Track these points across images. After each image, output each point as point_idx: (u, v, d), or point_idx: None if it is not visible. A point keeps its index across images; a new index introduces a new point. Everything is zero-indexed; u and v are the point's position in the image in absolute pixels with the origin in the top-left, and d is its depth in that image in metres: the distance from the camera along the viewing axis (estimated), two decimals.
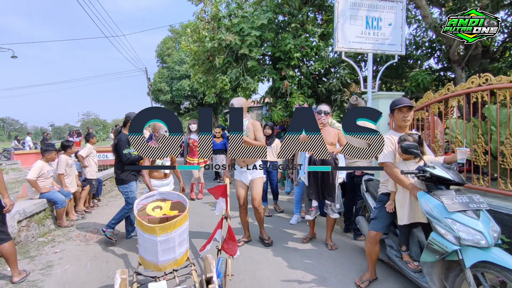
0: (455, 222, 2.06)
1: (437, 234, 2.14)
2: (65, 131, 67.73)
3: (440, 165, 2.30)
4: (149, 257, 2.36)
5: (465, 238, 2.01)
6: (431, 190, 2.27)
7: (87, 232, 4.61)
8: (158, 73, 22.80)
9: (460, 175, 2.29)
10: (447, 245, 2.06)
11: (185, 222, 2.42)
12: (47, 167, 4.74)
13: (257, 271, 3.11)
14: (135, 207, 2.55)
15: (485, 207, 2.18)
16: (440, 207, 2.14)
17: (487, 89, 3.35)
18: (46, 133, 21.65)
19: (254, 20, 7.73)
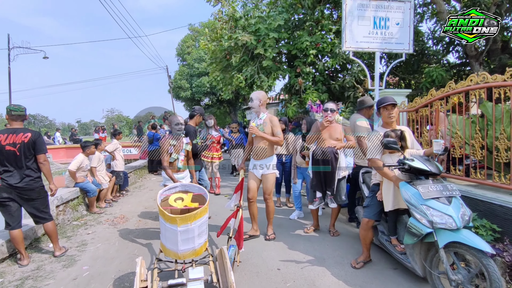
0: (429, 208, 2.33)
1: (414, 219, 2.41)
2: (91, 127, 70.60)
3: (419, 158, 2.54)
4: (170, 246, 2.46)
5: (437, 222, 2.27)
6: (412, 180, 2.53)
7: (115, 217, 5.13)
8: (179, 71, 23.51)
9: (437, 166, 2.52)
10: (422, 228, 2.33)
11: (204, 214, 2.46)
12: (86, 161, 5.29)
13: (263, 252, 3.48)
14: (159, 197, 2.63)
15: (458, 194, 2.42)
16: (417, 195, 2.40)
17: (484, 87, 3.51)
18: (74, 129, 22.91)
19: (271, 22, 7.98)
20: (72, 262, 3.43)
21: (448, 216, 2.27)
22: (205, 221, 2.50)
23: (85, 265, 3.34)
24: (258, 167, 3.82)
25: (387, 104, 2.85)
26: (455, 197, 2.39)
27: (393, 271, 2.96)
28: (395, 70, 10.16)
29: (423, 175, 2.52)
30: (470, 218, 2.32)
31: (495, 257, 2.76)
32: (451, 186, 2.47)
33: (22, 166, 3.26)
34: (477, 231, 3.25)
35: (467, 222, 2.29)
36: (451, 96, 4.02)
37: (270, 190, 3.83)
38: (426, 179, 2.53)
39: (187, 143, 3.85)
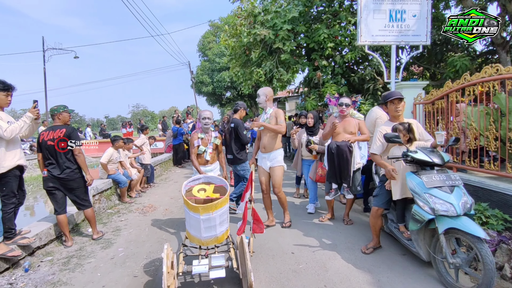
0: (431, 196, 2.48)
1: (418, 206, 2.56)
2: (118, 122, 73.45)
3: (423, 149, 2.67)
4: (194, 232, 2.62)
5: (439, 209, 2.42)
6: (417, 171, 2.67)
7: (144, 206, 5.58)
8: (200, 66, 24.01)
9: (441, 156, 2.64)
10: (425, 215, 2.49)
11: (225, 204, 2.58)
12: (115, 154, 5.76)
13: (279, 237, 3.74)
14: (183, 188, 2.82)
15: (460, 183, 2.55)
16: (421, 184, 2.55)
17: (498, 79, 3.53)
18: (103, 124, 24.11)
19: (286, 14, 8.11)
20: (109, 245, 3.85)
21: (449, 203, 2.41)
22: (225, 210, 2.62)
23: (120, 247, 3.76)
24: (266, 160, 4.00)
25: (394, 99, 2.98)
26: (457, 186, 2.52)
27: (401, 257, 3.13)
28: (419, 60, 9.96)
29: (428, 165, 2.65)
30: (471, 206, 2.44)
31: (500, 244, 2.86)
32: (454, 176, 2.60)
33: (62, 159, 3.69)
34: (488, 220, 3.33)
35: (468, 210, 2.42)
36: (466, 88, 4.05)
37: (279, 183, 3.97)
38: (432, 169, 2.67)
39: (215, 136, 3.94)
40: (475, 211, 3.49)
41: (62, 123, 3.78)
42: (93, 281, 2.97)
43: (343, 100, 4.00)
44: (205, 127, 3.83)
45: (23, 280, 2.98)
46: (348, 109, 4.00)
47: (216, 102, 26.03)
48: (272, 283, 2.74)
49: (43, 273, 3.13)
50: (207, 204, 2.47)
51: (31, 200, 9.04)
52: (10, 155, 3.24)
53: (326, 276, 2.81)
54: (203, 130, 3.87)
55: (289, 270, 2.95)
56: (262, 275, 2.88)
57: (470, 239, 2.31)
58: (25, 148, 13.73)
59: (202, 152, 3.86)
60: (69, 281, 2.98)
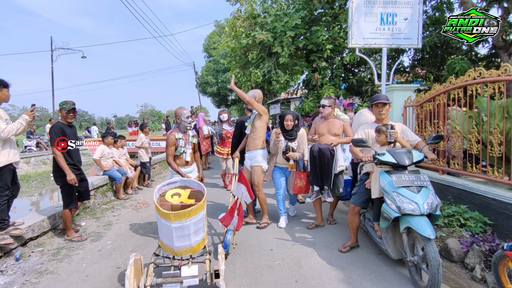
0: (399, 195, 2.54)
1: (386, 204, 2.63)
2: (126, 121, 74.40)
3: (393, 151, 2.74)
4: (166, 241, 2.44)
5: (404, 208, 2.48)
6: (390, 171, 2.74)
7: (138, 203, 5.73)
8: (205, 67, 24.25)
9: (410, 158, 2.69)
10: (391, 213, 2.56)
11: (201, 211, 2.39)
12: (107, 149, 5.93)
13: (260, 235, 3.83)
14: (156, 191, 2.62)
15: (428, 184, 2.60)
16: (391, 183, 2.61)
17: (480, 82, 3.57)
18: (110, 123, 24.52)
19: (288, 21, 8.17)
20: (99, 238, 4.00)
21: (414, 203, 2.47)
22: (201, 218, 2.43)
23: (109, 241, 3.90)
24: (247, 159, 4.11)
25: (378, 102, 3.05)
26: (425, 187, 2.58)
27: (376, 256, 3.19)
28: (420, 63, 9.95)
29: (400, 167, 2.71)
30: (437, 207, 2.50)
31: (473, 246, 2.90)
32: (424, 177, 2.66)
33: None
34: (466, 222, 3.37)
35: (434, 210, 2.48)
36: (452, 91, 4.08)
37: (258, 182, 4.03)
38: (404, 170, 2.73)
39: (193, 135, 3.77)
40: (454, 213, 3.54)
41: (63, 120, 3.87)
42: (78, 270, 3.11)
43: (322, 102, 4.03)
44: (187, 126, 3.63)
45: (13, 268, 3.13)
46: (326, 110, 3.96)
47: (221, 103, 26.22)
48: (246, 277, 2.83)
49: (33, 262, 3.28)
50: (179, 211, 2.28)
51: (36, 195, 9.31)
52: (5, 152, 3.40)
53: (299, 272, 2.89)
54: (182, 129, 3.65)
55: (265, 266, 3.04)
56: (237, 269, 2.98)
57: (420, 238, 2.40)
58: (31, 145, 14.10)
59: (181, 152, 3.63)
60: (55, 270, 3.12)
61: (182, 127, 3.65)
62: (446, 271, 2.88)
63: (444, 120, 4.38)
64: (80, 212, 4.82)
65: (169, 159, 3.58)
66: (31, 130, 14.44)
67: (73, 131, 3.92)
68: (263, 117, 4.03)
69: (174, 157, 3.61)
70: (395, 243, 2.79)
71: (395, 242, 2.79)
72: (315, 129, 4.12)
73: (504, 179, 3.29)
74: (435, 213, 2.50)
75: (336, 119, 4.05)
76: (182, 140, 3.61)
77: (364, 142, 2.84)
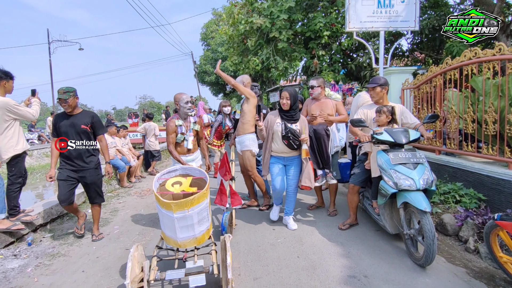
0: (396, 172, 2.66)
1: (384, 181, 2.74)
2: (125, 113, 74.27)
3: (391, 130, 2.84)
4: (169, 233, 2.31)
5: (401, 183, 2.60)
6: (387, 150, 2.83)
7: (142, 190, 5.86)
8: (203, 56, 24.08)
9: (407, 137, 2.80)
10: (389, 189, 2.67)
11: (204, 200, 2.27)
12: (110, 139, 6.02)
13: (263, 216, 3.97)
14: (155, 181, 2.49)
15: (424, 161, 2.72)
16: (388, 160, 2.73)
17: (476, 62, 3.63)
18: (110, 115, 24.52)
19: (283, 3, 8.16)
20: (106, 223, 4.13)
21: (411, 179, 2.58)
22: (205, 207, 2.31)
23: (116, 225, 4.03)
24: (237, 143, 4.12)
25: (368, 86, 3.16)
26: (421, 164, 2.69)
27: (374, 232, 3.32)
28: (418, 46, 9.93)
29: (398, 145, 2.81)
30: (433, 182, 2.61)
31: (467, 219, 3.02)
32: (420, 154, 2.76)
33: None
34: (461, 199, 3.49)
35: (429, 186, 2.59)
36: (448, 72, 4.14)
37: (250, 165, 4.03)
38: (401, 148, 2.83)
39: (194, 122, 3.60)
40: (450, 190, 3.66)
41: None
42: (88, 253, 3.24)
43: (311, 82, 3.90)
44: (187, 112, 3.49)
45: (26, 252, 3.26)
46: (316, 90, 3.83)
47: (219, 92, 26.16)
48: (250, 254, 2.96)
49: (44, 246, 3.42)
50: (181, 200, 2.17)
51: (40, 188, 9.45)
52: (22, 139, 3.52)
53: (300, 249, 3.02)
54: (182, 116, 3.51)
55: (268, 244, 3.17)
56: (242, 247, 3.11)
57: (416, 211, 2.52)
58: (33, 138, 14.18)
59: (182, 140, 3.50)
60: (67, 253, 3.25)
61: (182, 113, 3.50)
62: (441, 244, 3.02)
63: (441, 101, 4.46)
64: (86, 200, 4.95)
65: (170, 147, 3.46)
66: (32, 124, 14.50)
67: (72, 122, 3.34)
68: (251, 100, 3.98)
69: (175, 145, 3.51)
70: (392, 219, 2.91)
71: (392, 217, 2.92)
72: (307, 111, 4.00)
73: (498, 157, 3.39)
74: (431, 188, 2.61)
75: (328, 99, 3.92)
76: (183, 127, 3.49)
77: (362, 122, 2.93)
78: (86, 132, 3.40)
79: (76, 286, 2.61)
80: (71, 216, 4.36)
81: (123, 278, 2.68)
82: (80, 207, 4.75)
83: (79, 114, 3.44)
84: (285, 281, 2.49)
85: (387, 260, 2.75)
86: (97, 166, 3.57)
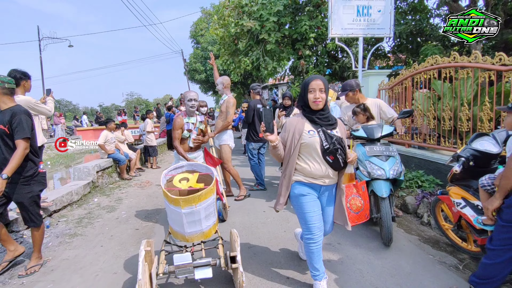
0: (370, 163, 3.11)
1: (359, 171, 3.21)
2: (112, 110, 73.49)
3: (365, 127, 3.25)
4: (177, 228, 2.36)
5: (374, 173, 3.06)
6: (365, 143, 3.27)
7: (142, 182, 6.31)
8: (193, 54, 24.37)
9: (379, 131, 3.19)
10: (363, 178, 3.10)
11: (211, 195, 2.30)
12: (110, 135, 6.45)
13: (255, 201, 4.53)
14: (163, 177, 2.56)
15: (395, 154, 3.19)
16: (364, 153, 3.18)
17: (436, 68, 4.26)
18: (99, 112, 24.60)
19: (272, 7, 8.69)
20: (113, 210, 4.59)
21: (382, 169, 3.05)
22: (212, 202, 2.35)
23: (123, 211, 4.50)
24: (216, 139, 4.57)
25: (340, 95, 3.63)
26: (392, 157, 3.15)
27: None
28: (398, 49, 10.64)
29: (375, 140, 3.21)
30: (402, 173, 3.10)
31: (423, 199, 3.65)
32: (392, 148, 3.24)
33: None
34: (423, 184, 4.12)
35: (398, 176, 3.06)
36: (415, 75, 4.76)
37: (226, 159, 4.48)
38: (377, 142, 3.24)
39: (201, 121, 3.64)
40: (414, 177, 4.28)
41: None
42: (102, 233, 3.71)
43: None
44: (191, 110, 3.51)
45: (47, 233, 3.70)
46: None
47: (209, 90, 26.48)
48: (244, 230, 3.51)
49: (62, 228, 3.87)
50: (189, 196, 2.21)
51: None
52: (40, 134, 3.95)
53: (287, 226, 3.58)
54: (188, 113, 3.55)
55: (259, 223, 3.72)
56: (237, 226, 3.64)
57: (378, 198, 3.01)
58: None
59: (187, 137, 3.56)
60: (83, 233, 3.72)
61: (188, 110, 3.55)
62: (403, 220, 3.63)
63: (410, 101, 5.09)
64: (91, 190, 5.39)
65: (175, 142, 3.49)
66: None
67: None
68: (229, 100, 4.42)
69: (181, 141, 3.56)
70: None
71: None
72: None
73: (451, 148, 4.03)
74: (399, 178, 3.08)
75: None
76: (190, 124, 3.54)
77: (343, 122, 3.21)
78: (5, 134, 2.62)
79: (98, 257, 3.09)
80: (80, 204, 4.81)
81: (137, 250, 3.17)
82: (86, 197, 5.20)
83: (7, 110, 2.68)
84: (273, 248, 3.05)
85: (360, 233, 3.33)
86: (25, 181, 2.70)
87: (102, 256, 3.09)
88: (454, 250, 2.91)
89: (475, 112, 3.74)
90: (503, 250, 1.70)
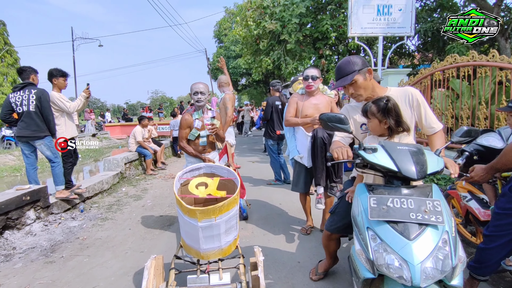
0: (376, 237, 1.35)
1: (355, 251, 1.48)
2: (138, 108, 76.06)
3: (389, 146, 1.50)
4: (190, 242, 1.97)
5: (381, 265, 1.30)
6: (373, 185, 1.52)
7: (166, 175, 6.68)
8: (216, 53, 24.87)
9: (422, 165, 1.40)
10: (361, 270, 1.39)
11: (234, 206, 1.91)
12: (144, 131, 6.88)
13: (272, 195, 4.73)
14: (176, 180, 2.10)
15: (439, 221, 1.28)
16: (367, 209, 1.41)
17: (454, 67, 4.27)
18: (126, 109, 25.69)
19: (294, 9, 8.81)
20: (139, 198, 4.95)
21: (402, 260, 1.25)
22: (234, 214, 1.95)
23: (148, 200, 4.84)
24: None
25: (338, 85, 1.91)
26: (433, 226, 1.30)
27: None
28: (423, 47, 10.45)
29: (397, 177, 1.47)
30: (455, 271, 1.27)
31: None
32: (437, 203, 1.34)
33: None
34: (438, 182, 4.14)
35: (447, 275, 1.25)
36: (434, 74, 4.77)
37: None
38: (402, 184, 1.46)
39: (212, 116, 3.07)
40: None
41: None
42: (130, 218, 4.04)
43: (308, 72, 3.04)
44: (198, 105, 2.94)
45: (81, 216, 4.09)
46: (316, 82, 3.06)
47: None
48: (261, 220, 3.72)
49: (94, 213, 4.24)
50: (207, 207, 1.80)
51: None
52: (69, 128, 4.32)
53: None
54: (196, 108, 3.00)
55: (275, 214, 3.92)
56: (254, 217, 3.86)
57: None
58: None
59: (196, 137, 2.99)
60: (113, 218, 4.07)
61: (195, 106, 3.01)
62: None
63: (429, 100, 5.09)
64: (119, 180, 5.79)
65: (182, 142, 3.01)
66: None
67: None
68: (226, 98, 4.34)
69: (188, 142, 3.04)
70: None
71: None
72: (296, 109, 3.17)
73: None
74: (450, 283, 1.27)
75: (323, 95, 3.21)
76: (198, 121, 2.98)
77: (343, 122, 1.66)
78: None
79: (127, 237, 3.41)
80: (110, 192, 5.20)
81: (161, 234, 3.46)
82: (115, 186, 5.60)
83: None
84: (287, 236, 3.24)
85: None
86: None
87: (130, 237, 3.41)
88: (464, 244, 2.96)
89: (492, 111, 3.74)
90: (498, 236, 1.80)
